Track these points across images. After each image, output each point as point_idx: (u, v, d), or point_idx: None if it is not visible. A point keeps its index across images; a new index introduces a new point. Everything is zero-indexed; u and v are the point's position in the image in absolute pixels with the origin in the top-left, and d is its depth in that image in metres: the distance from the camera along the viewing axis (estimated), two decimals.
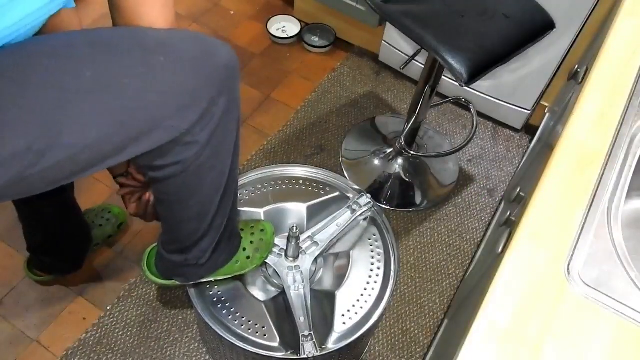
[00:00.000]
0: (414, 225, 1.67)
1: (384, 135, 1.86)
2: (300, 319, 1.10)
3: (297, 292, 1.13)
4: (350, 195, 1.29)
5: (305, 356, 1.06)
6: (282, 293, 1.16)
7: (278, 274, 1.16)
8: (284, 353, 1.09)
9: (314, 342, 1.07)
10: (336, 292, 1.16)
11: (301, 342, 1.07)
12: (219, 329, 1.09)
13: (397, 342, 1.44)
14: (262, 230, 1.16)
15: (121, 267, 1.50)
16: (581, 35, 1.57)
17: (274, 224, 1.19)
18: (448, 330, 1.27)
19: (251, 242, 1.14)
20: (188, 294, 1.14)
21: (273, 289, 1.19)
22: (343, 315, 1.14)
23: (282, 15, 2.15)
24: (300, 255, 1.18)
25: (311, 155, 1.79)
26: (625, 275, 0.69)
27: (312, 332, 1.08)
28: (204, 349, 1.38)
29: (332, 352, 1.08)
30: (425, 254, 1.61)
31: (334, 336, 1.11)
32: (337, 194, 1.30)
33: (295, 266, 1.16)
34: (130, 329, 1.40)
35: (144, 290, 1.46)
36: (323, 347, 1.09)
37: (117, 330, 1.40)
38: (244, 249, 1.13)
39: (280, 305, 1.16)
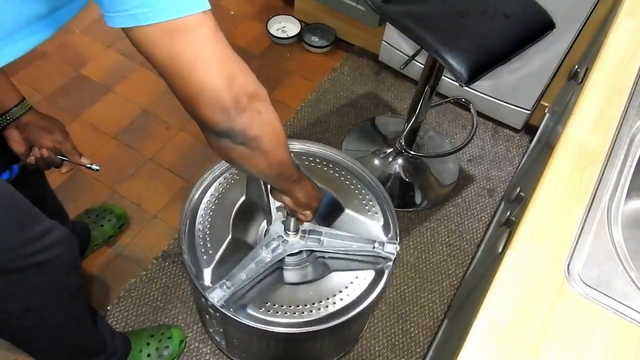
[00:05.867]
0: (414, 225, 1.67)
1: (384, 135, 1.87)
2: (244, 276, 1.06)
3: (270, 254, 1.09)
4: (381, 239, 1.21)
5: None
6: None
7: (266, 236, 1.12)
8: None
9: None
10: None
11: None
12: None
13: (397, 342, 1.44)
14: (169, 338, 1.31)
15: (121, 267, 1.50)
16: (581, 35, 1.57)
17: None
18: (448, 330, 1.27)
19: (157, 349, 1.30)
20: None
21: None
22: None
23: (282, 15, 2.15)
24: (299, 236, 1.13)
25: None
26: (625, 275, 0.69)
27: None
28: (205, 349, 1.38)
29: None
30: (425, 254, 1.61)
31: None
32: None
33: (284, 240, 1.12)
34: (130, 329, 1.40)
35: (144, 290, 1.46)
36: None
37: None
38: (140, 350, 1.28)
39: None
